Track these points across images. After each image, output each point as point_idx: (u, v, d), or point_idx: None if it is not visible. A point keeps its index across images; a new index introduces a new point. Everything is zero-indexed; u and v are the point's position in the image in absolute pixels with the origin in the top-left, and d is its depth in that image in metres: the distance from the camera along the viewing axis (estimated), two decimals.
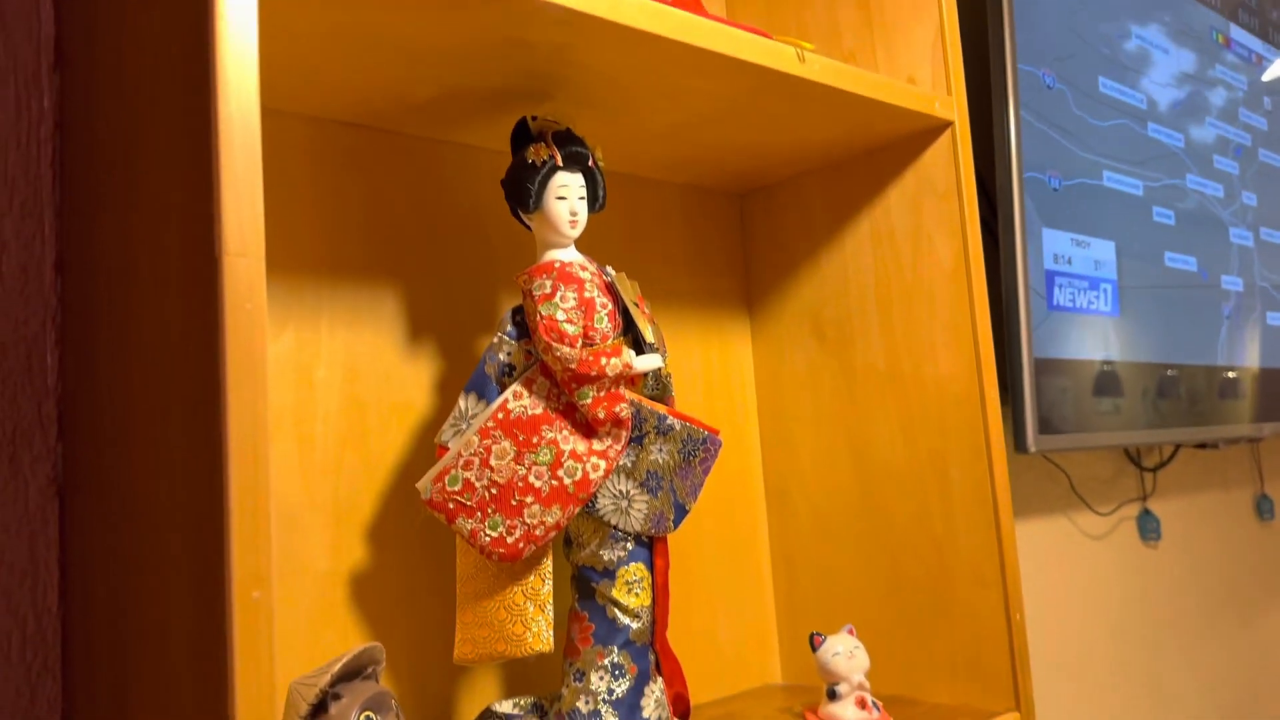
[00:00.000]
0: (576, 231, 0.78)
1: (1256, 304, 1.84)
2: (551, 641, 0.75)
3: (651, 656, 0.79)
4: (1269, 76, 1.99)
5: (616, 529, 0.78)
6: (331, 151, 0.83)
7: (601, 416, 0.75)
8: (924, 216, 0.97)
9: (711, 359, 1.10)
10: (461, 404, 0.76)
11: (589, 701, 0.76)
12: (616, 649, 0.77)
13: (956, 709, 0.93)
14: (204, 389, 0.51)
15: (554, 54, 0.73)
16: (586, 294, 0.77)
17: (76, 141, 0.70)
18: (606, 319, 0.77)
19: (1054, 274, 1.38)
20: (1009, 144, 1.32)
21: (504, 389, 0.76)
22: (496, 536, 0.73)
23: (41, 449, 0.68)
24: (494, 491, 0.73)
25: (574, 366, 0.74)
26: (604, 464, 0.76)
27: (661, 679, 0.80)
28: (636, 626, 0.78)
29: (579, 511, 0.76)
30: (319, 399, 0.80)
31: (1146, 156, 1.60)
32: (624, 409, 0.76)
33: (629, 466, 0.78)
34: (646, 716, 0.77)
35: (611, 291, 0.80)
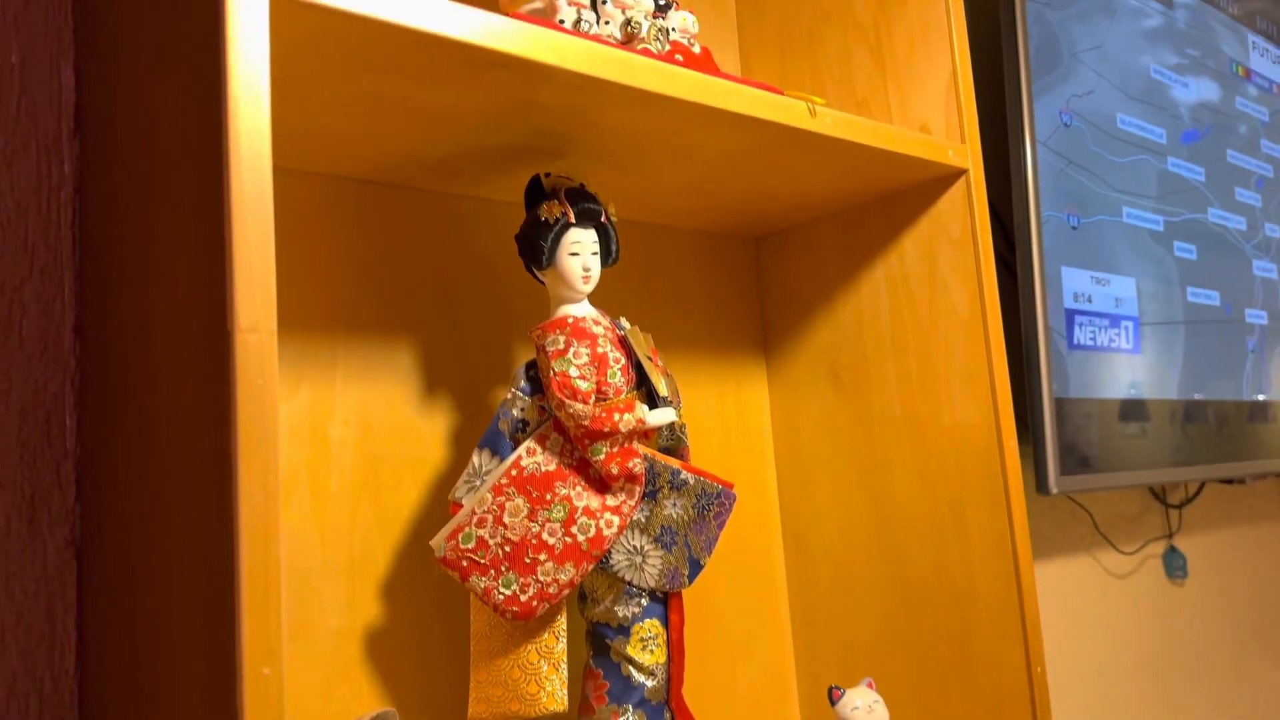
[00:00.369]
0: (589, 287, 0.79)
1: None
2: (565, 700, 0.75)
3: (667, 715, 0.79)
4: None
5: (631, 585, 0.78)
6: (346, 208, 0.84)
7: (615, 472, 0.75)
8: (939, 263, 0.97)
9: (727, 404, 1.10)
10: (475, 460, 0.77)
11: None
12: (631, 707, 0.77)
13: None
14: (216, 462, 0.51)
15: (567, 115, 0.74)
16: (599, 349, 0.77)
17: (95, 206, 0.71)
18: (620, 374, 0.77)
19: (1074, 313, 1.37)
20: (1026, 183, 1.31)
21: (518, 445, 0.76)
22: (510, 594, 0.73)
23: (60, 510, 0.69)
24: (507, 549, 0.73)
25: (587, 423, 0.74)
26: (618, 520, 0.76)
27: None
28: (651, 685, 0.77)
29: (593, 567, 0.75)
30: (333, 455, 0.80)
31: (1167, 191, 1.58)
32: (637, 464, 0.76)
33: (643, 522, 0.78)
34: None
35: (625, 345, 0.80)
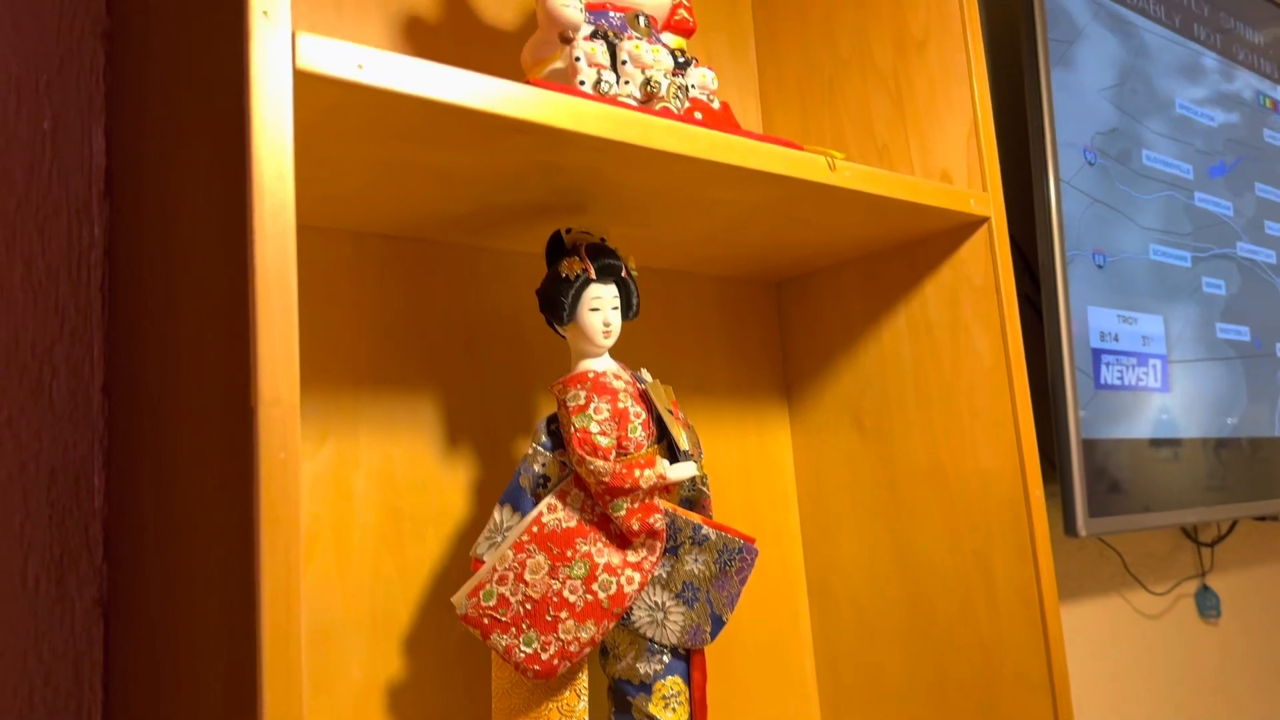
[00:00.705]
0: (610, 341, 0.79)
1: None
2: None
3: None
4: None
5: (653, 641, 0.77)
6: (371, 263, 0.85)
7: (636, 528, 0.75)
8: (962, 310, 0.97)
9: (749, 449, 1.10)
10: (496, 516, 0.77)
11: None
12: None
13: None
14: (239, 532, 0.52)
15: (587, 174, 0.74)
16: (620, 404, 0.77)
17: (124, 268, 0.72)
18: (640, 428, 0.77)
19: (1100, 352, 1.36)
20: (1050, 223, 1.31)
21: (539, 500, 0.76)
22: (531, 653, 0.73)
23: (88, 570, 0.70)
24: (528, 607, 0.73)
25: (608, 480, 0.74)
26: (639, 576, 0.76)
27: None
28: None
29: (615, 624, 0.75)
30: (357, 509, 0.81)
31: (1194, 227, 1.57)
32: (659, 520, 0.76)
33: (664, 578, 0.78)
34: None
35: (645, 400, 0.80)
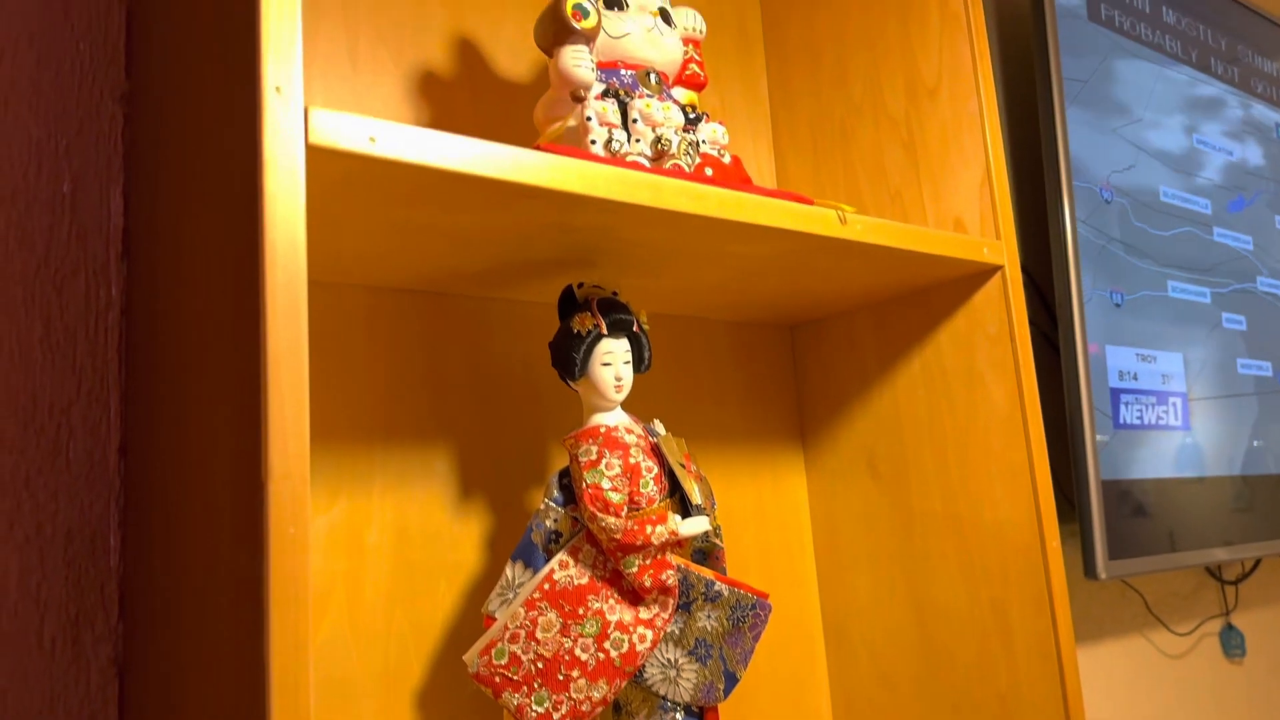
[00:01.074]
0: (622, 395, 0.79)
1: None
2: None
3: None
4: None
5: (665, 699, 0.77)
6: (385, 316, 0.85)
7: (648, 585, 0.75)
8: (976, 358, 0.96)
9: (764, 494, 1.09)
10: (508, 572, 0.77)
11: None
12: None
13: None
14: (250, 604, 0.52)
15: (598, 233, 0.75)
16: (632, 459, 0.77)
17: (140, 328, 0.73)
18: (652, 483, 0.77)
19: (1119, 392, 1.35)
20: (1067, 264, 1.30)
21: (551, 556, 0.76)
22: (543, 712, 0.73)
23: (103, 630, 0.70)
24: (540, 665, 0.73)
25: (619, 537, 0.74)
26: (651, 634, 0.75)
27: None
28: None
29: (627, 682, 0.75)
30: (369, 563, 0.81)
31: (1213, 262, 1.56)
32: (671, 576, 0.76)
33: (677, 634, 0.77)
34: None
35: (657, 453, 0.80)
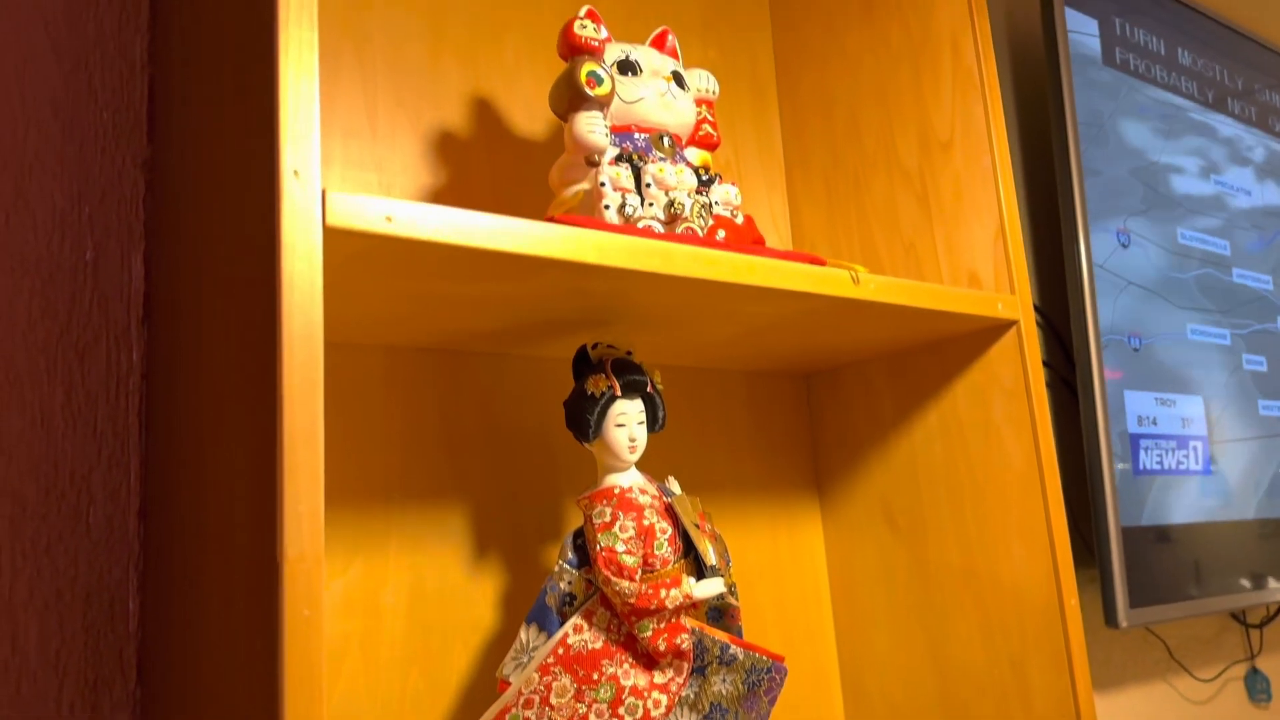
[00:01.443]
0: (636, 456, 0.79)
1: None
2: None
3: None
4: None
5: None
6: (402, 375, 0.86)
7: (663, 649, 0.75)
8: (993, 413, 0.96)
9: (780, 545, 1.09)
10: (523, 635, 0.77)
11: None
12: None
13: None
14: (263, 682, 0.52)
15: (612, 297, 0.75)
16: (646, 521, 0.77)
17: (160, 393, 0.74)
18: (667, 544, 0.77)
19: (1138, 437, 1.34)
20: (1084, 311, 1.30)
21: (565, 619, 0.77)
22: None
23: (121, 695, 0.71)
24: None
25: (633, 601, 0.74)
26: (665, 699, 0.75)
27: None
28: None
29: None
30: (385, 624, 0.81)
31: (1233, 304, 1.55)
32: (685, 640, 0.76)
33: (692, 698, 0.77)
34: None
35: (671, 514, 0.80)
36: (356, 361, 0.84)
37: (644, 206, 0.77)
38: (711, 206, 0.81)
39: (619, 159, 0.78)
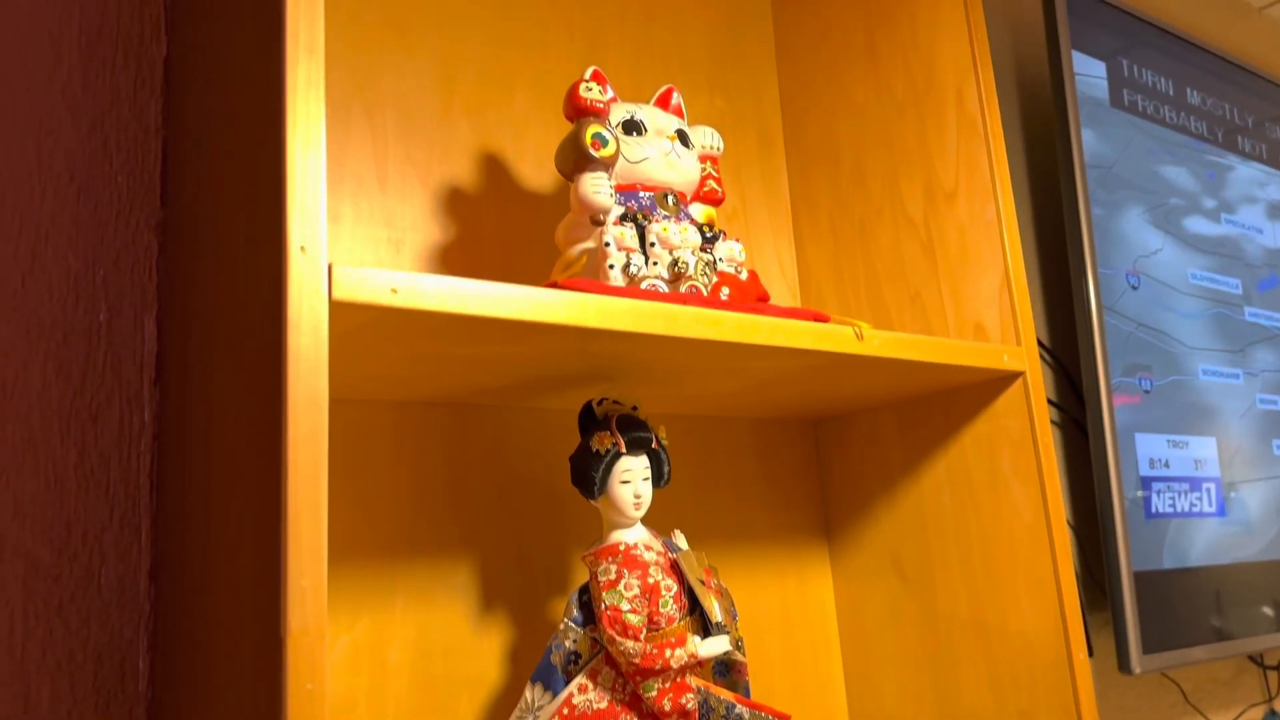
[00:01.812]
0: (641, 512, 0.80)
1: None
2: None
3: None
4: None
5: None
6: (409, 429, 0.87)
7: (668, 709, 0.75)
8: (1000, 462, 0.96)
9: (789, 593, 1.09)
10: (528, 695, 0.77)
11: None
12: None
13: None
14: None
15: (617, 356, 0.76)
16: (651, 578, 0.77)
17: (172, 453, 0.75)
18: (672, 601, 0.78)
19: (1150, 480, 1.33)
20: (1094, 355, 1.29)
21: (570, 678, 0.77)
22: None
23: None
24: None
25: (638, 661, 0.74)
26: None
27: None
28: None
29: None
30: (391, 680, 0.81)
31: (1246, 343, 1.55)
32: (690, 700, 0.76)
33: None
34: None
35: (677, 570, 0.80)
36: (363, 416, 0.85)
37: (648, 265, 0.78)
38: (715, 263, 0.82)
39: (624, 218, 0.79)
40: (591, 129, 0.79)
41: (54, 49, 0.79)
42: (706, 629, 0.79)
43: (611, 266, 0.77)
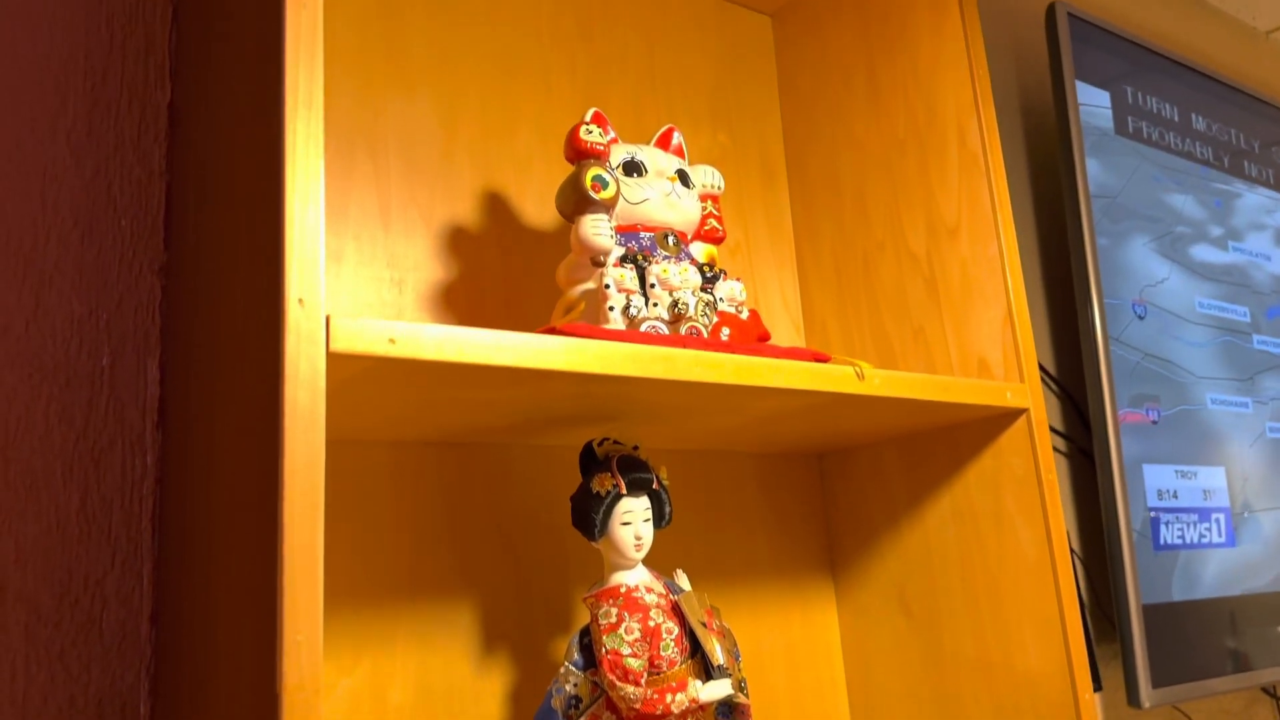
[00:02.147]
0: (642, 554, 0.79)
1: None
2: None
3: None
4: None
5: None
6: (409, 469, 0.87)
7: None
8: (1004, 501, 0.95)
9: (794, 630, 1.08)
10: None
11: None
12: None
13: None
14: None
15: (617, 398, 0.76)
16: (652, 621, 0.77)
17: (173, 497, 0.75)
18: (673, 644, 0.77)
19: (1159, 511, 1.32)
20: (1101, 387, 1.29)
21: None
22: None
23: None
24: None
25: (639, 706, 0.74)
26: None
27: None
28: None
29: None
30: None
31: (1254, 371, 1.54)
32: None
33: None
34: None
35: (678, 613, 0.80)
36: (362, 457, 0.85)
37: (649, 307, 0.78)
38: (716, 303, 0.82)
39: (624, 259, 0.79)
40: (591, 171, 0.79)
41: (59, 93, 0.80)
42: (709, 671, 0.79)
43: (612, 308, 0.77)
